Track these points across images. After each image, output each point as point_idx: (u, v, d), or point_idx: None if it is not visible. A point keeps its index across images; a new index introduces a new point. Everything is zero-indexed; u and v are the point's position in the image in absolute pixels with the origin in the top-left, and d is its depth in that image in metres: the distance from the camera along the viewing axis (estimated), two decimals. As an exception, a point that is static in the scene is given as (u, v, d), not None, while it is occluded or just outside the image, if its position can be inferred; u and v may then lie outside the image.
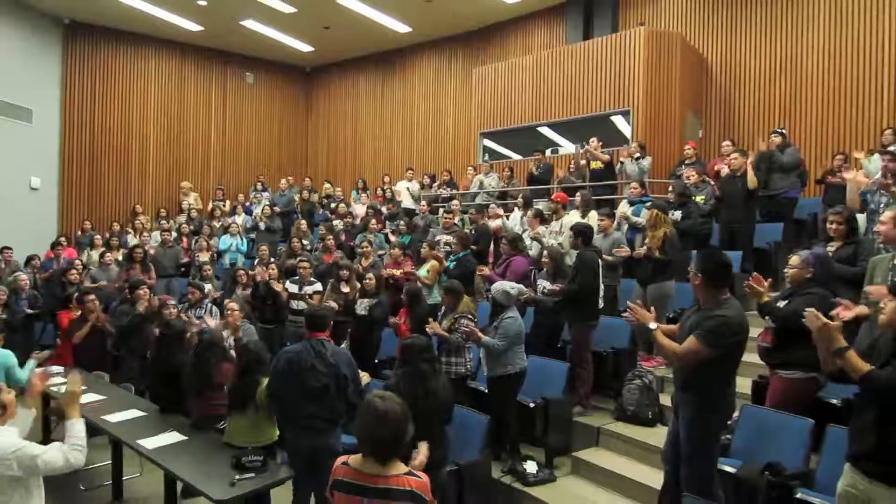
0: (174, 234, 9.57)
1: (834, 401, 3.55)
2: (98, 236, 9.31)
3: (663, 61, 8.90)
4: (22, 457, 2.30)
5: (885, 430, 2.24)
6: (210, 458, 3.51)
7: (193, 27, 12.04)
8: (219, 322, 5.70)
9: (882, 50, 7.94)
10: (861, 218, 4.73)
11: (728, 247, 6.12)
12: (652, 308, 3.38)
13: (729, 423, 3.38)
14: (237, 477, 3.18)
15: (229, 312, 5.40)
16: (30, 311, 7.25)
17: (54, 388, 4.80)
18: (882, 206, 4.20)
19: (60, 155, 11.60)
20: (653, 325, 3.13)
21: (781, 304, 3.55)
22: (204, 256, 8.66)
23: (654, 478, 3.70)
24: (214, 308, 6.69)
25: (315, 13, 11.34)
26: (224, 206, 11.15)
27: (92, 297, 6.15)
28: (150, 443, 3.71)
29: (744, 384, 3.96)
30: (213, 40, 12.95)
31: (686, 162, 7.53)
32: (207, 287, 7.18)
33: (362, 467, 2.10)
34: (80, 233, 10.42)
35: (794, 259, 3.66)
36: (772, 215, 6.87)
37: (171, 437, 3.82)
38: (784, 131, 7.22)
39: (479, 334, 4.44)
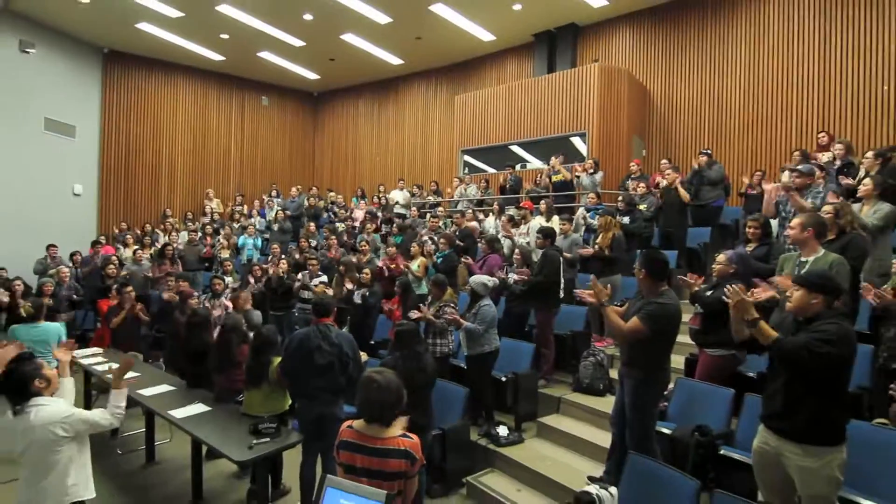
0: (199, 233, 9.43)
1: (751, 374, 3.63)
2: (129, 235, 9.14)
3: (613, 92, 8.99)
4: (74, 421, 2.34)
5: (789, 392, 2.29)
6: (231, 426, 3.47)
7: (216, 57, 11.87)
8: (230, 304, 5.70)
9: (791, 85, 8.11)
10: (774, 223, 4.85)
11: (666, 247, 6.21)
12: (608, 286, 3.39)
13: (665, 392, 3.43)
14: (254, 441, 3.16)
15: (240, 299, 5.36)
16: (73, 297, 7.15)
17: (98, 368, 4.74)
18: (792, 213, 4.31)
19: (100, 165, 11.35)
20: (605, 301, 3.10)
21: (708, 293, 3.63)
22: (225, 253, 8.54)
23: (604, 438, 3.73)
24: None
25: (322, 47, 11.25)
26: (242, 209, 11.01)
27: (129, 288, 6.06)
28: (178, 413, 3.66)
29: (678, 360, 4.02)
30: (233, 68, 12.78)
31: (632, 176, 7.63)
32: (228, 279, 7.10)
33: (364, 430, 2.11)
34: (117, 231, 10.22)
35: (721, 257, 3.73)
36: (701, 221, 6.98)
37: (197, 408, 3.77)
38: (710, 151, 7.32)
39: (461, 320, 4.46)
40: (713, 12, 8.91)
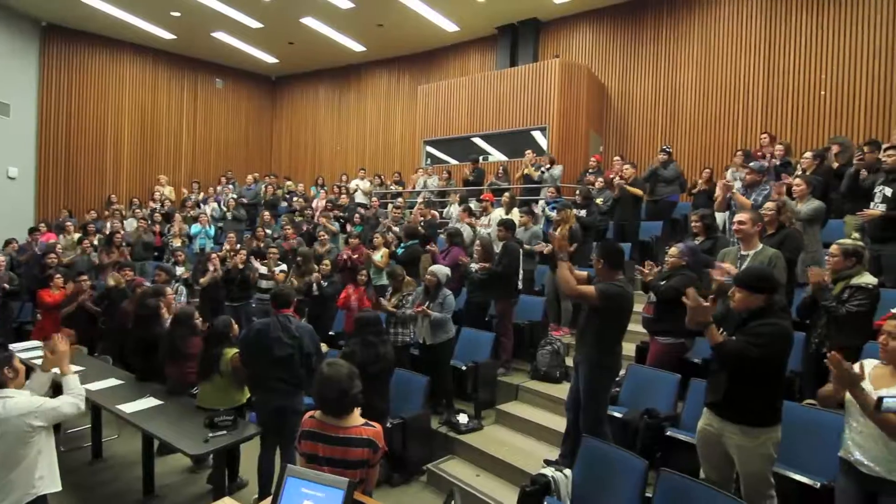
0: (148, 221, 8.99)
1: (696, 360, 3.82)
2: (69, 222, 8.60)
3: (573, 88, 9.17)
4: (46, 410, 2.32)
5: (731, 385, 2.45)
6: (184, 420, 3.36)
7: (167, 35, 11.25)
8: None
9: (738, 87, 8.51)
10: (721, 217, 5.09)
11: (620, 239, 6.41)
12: (572, 247, 3.36)
13: (617, 378, 3.56)
14: (210, 434, 3.08)
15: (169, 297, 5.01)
16: (7, 287, 6.66)
17: (40, 363, 4.45)
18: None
19: (37, 146, 10.57)
20: (563, 256, 3.17)
21: (661, 283, 3.78)
22: (177, 242, 8.19)
23: (560, 423, 3.83)
24: (182, 287, 6.37)
25: (280, 30, 10.88)
26: (197, 196, 10.57)
27: (84, 276, 5.74)
28: (128, 407, 3.51)
29: (629, 348, 4.17)
30: (185, 48, 12.16)
31: (590, 171, 7.82)
32: (180, 270, 6.81)
33: (325, 420, 2.10)
34: (60, 218, 9.59)
35: (673, 250, 3.90)
36: (655, 215, 7.19)
37: (148, 402, 3.63)
38: (670, 149, 7.41)
39: (429, 311, 4.50)
40: (668, 13, 9.21)
